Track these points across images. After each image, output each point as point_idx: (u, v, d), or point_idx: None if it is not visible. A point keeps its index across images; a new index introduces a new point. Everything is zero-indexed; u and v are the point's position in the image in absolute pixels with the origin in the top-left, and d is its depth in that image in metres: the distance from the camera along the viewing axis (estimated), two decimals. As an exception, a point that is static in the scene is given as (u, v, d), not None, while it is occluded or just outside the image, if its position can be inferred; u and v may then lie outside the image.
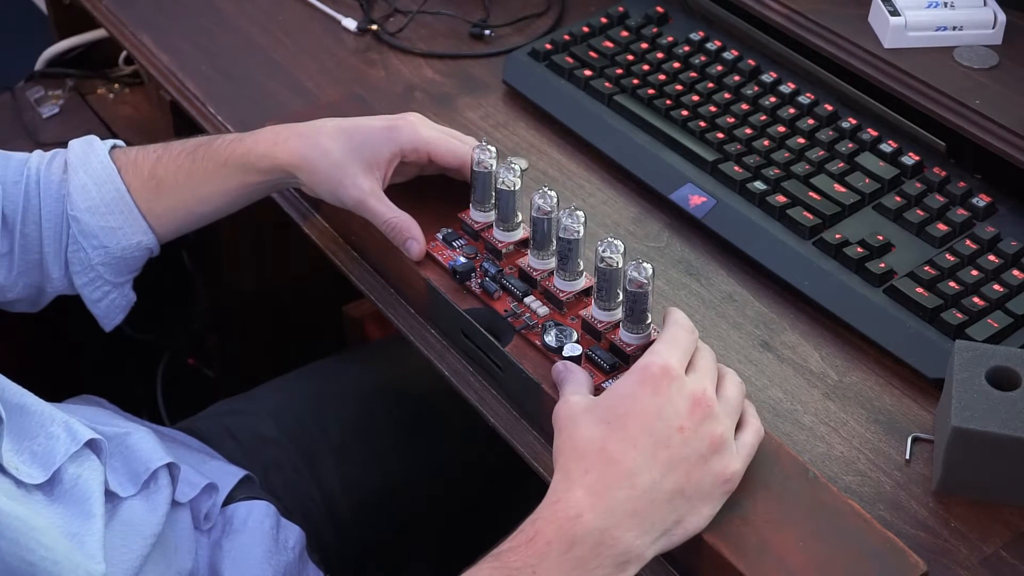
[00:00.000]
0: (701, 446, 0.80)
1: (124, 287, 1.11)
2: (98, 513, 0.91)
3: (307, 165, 1.02)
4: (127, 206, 1.07)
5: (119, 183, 1.07)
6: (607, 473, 0.79)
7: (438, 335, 1.02)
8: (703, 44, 1.23)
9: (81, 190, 1.06)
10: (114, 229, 1.07)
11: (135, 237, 1.08)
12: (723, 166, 1.12)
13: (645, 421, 0.80)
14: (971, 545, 0.85)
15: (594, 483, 0.79)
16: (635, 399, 0.81)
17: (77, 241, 1.07)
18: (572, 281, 0.96)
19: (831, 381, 0.97)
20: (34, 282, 1.09)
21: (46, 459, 0.91)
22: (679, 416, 0.81)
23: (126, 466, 0.98)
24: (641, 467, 0.79)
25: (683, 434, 0.80)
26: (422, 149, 1.03)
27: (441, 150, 1.04)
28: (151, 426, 1.10)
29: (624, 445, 0.80)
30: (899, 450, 0.92)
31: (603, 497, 0.78)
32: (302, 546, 1.07)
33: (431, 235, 1.03)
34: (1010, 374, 0.87)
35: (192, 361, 1.66)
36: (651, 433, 0.80)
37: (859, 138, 1.12)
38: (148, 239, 1.08)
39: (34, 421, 0.93)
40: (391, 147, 1.02)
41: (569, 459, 0.81)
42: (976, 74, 1.10)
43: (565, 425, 0.83)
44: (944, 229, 1.04)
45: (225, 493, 1.06)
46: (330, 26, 1.37)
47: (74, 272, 1.08)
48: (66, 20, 1.63)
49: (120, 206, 1.07)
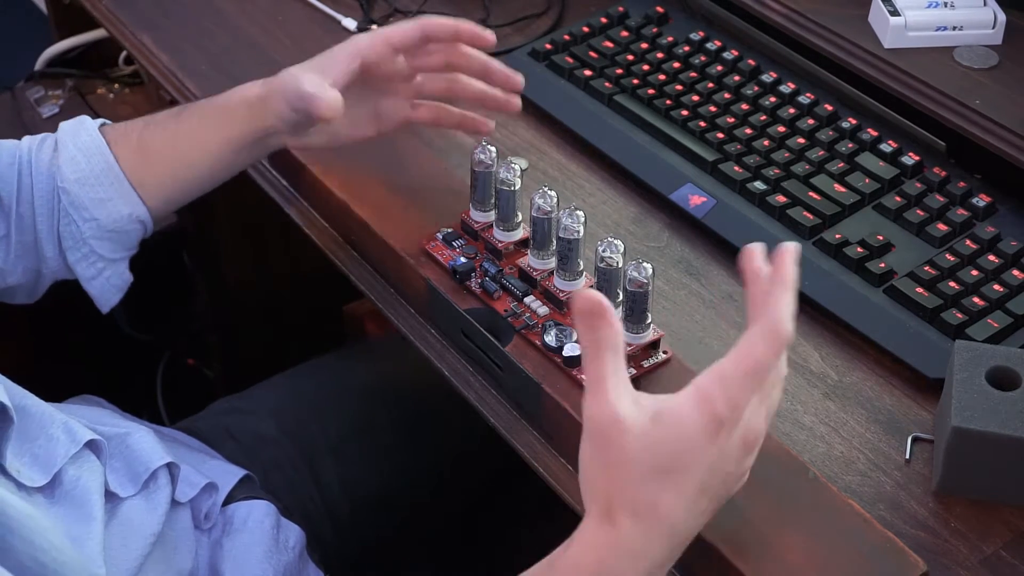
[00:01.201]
0: (736, 481, 0.77)
1: (119, 264, 1.11)
2: (98, 516, 0.91)
3: (271, 91, 1.04)
4: (116, 177, 1.07)
5: (108, 154, 1.07)
6: (652, 528, 0.73)
7: (438, 335, 1.02)
8: (703, 44, 1.23)
9: (70, 162, 1.06)
10: (104, 200, 1.07)
11: (125, 209, 1.07)
12: (723, 166, 1.12)
13: (699, 474, 0.73)
14: (971, 545, 0.85)
15: (638, 539, 0.73)
16: (694, 451, 0.72)
17: (68, 214, 1.07)
18: (572, 281, 0.96)
19: (831, 381, 0.97)
20: (32, 265, 1.09)
21: (47, 461, 0.91)
22: (730, 463, 0.74)
23: (126, 466, 0.98)
24: (685, 520, 0.74)
25: (727, 477, 0.76)
26: (377, 41, 1.03)
27: (393, 31, 1.03)
28: (151, 426, 1.11)
29: (673, 499, 0.73)
30: (899, 450, 0.92)
31: (646, 553, 0.73)
32: (302, 546, 1.08)
33: (431, 235, 1.03)
34: (1010, 374, 0.87)
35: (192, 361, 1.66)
36: (701, 483, 0.74)
37: (859, 138, 1.12)
38: (139, 210, 1.08)
39: (34, 423, 0.93)
40: (345, 50, 1.03)
41: (611, 502, 0.73)
42: (976, 74, 1.10)
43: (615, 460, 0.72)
44: (944, 229, 1.04)
45: (225, 492, 1.06)
46: (330, 26, 1.37)
47: (67, 248, 1.08)
48: (66, 20, 1.63)
49: (109, 177, 1.07)
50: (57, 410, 0.96)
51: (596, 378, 0.73)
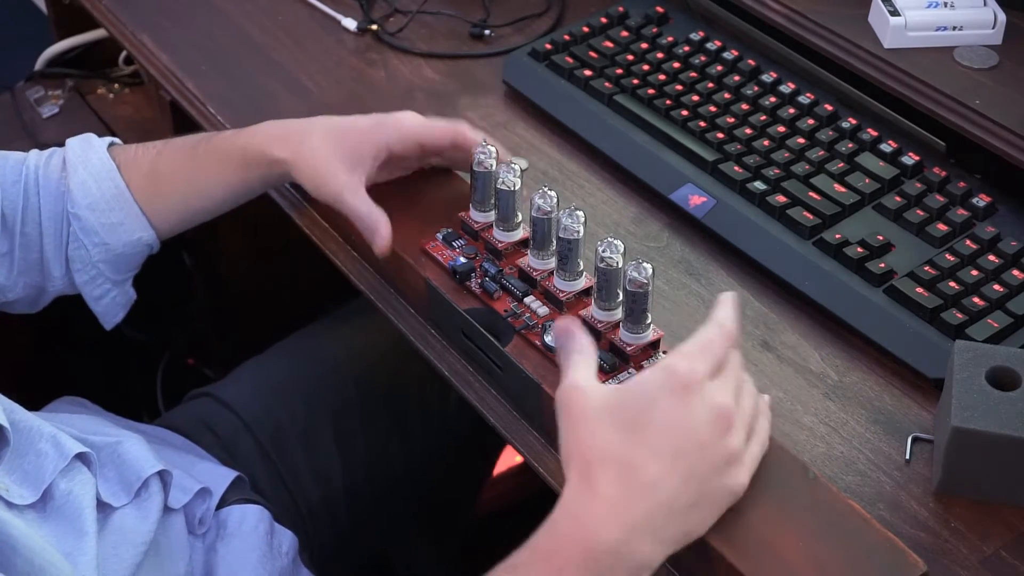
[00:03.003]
0: (718, 459, 0.79)
1: (124, 284, 1.12)
2: (91, 531, 0.91)
3: (297, 162, 1.04)
4: (127, 202, 1.07)
5: (119, 180, 1.07)
6: (629, 486, 0.77)
7: (438, 335, 1.02)
8: (703, 44, 1.23)
9: (81, 187, 1.07)
10: (115, 225, 1.07)
11: (135, 233, 1.08)
12: (723, 166, 1.12)
13: (668, 431, 0.78)
14: (971, 545, 0.85)
15: (616, 497, 0.77)
16: (659, 406, 0.78)
17: (78, 239, 1.07)
18: (572, 281, 0.96)
19: (831, 381, 0.97)
20: (34, 282, 1.09)
21: (37, 477, 0.91)
22: (701, 428, 0.79)
23: (119, 475, 0.98)
24: (662, 479, 0.77)
25: (703, 447, 0.78)
26: (408, 138, 1.05)
27: (427, 134, 1.05)
28: (138, 427, 1.11)
29: (646, 456, 0.77)
30: (899, 450, 0.92)
31: (624, 513, 0.77)
32: (296, 551, 1.08)
33: (431, 235, 1.03)
34: (1010, 374, 0.87)
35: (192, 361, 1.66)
36: (673, 444, 0.78)
37: (859, 138, 1.12)
38: (148, 235, 1.09)
39: (24, 439, 0.93)
40: (376, 143, 1.04)
41: (588, 465, 0.78)
42: (976, 74, 1.10)
43: (578, 420, 0.79)
44: (944, 229, 1.04)
45: (218, 497, 1.05)
46: (330, 26, 1.37)
47: (75, 270, 1.09)
48: (66, 20, 1.63)
49: (120, 202, 1.07)
50: (45, 421, 0.95)
51: (562, 369, 0.83)
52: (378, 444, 1.25)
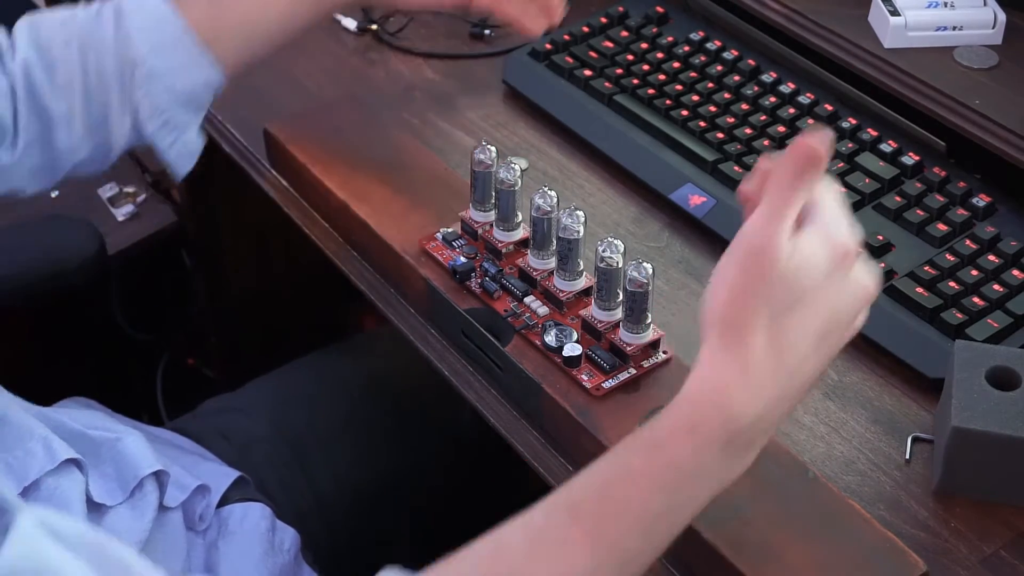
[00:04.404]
0: (847, 339, 0.77)
1: (193, 128, 1.09)
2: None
3: None
4: (189, 41, 1.05)
5: (177, 19, 1.05)
6: (781, 359, 0.73)
7: (438, 335, 1.02)
8: (703, 44, 1.23)
9: (140, 32, 1.04)
10: (179, 68, 1.05)
11: (201, 74, 1.06)
12: (723, 166, 1.12)
13: (827, 314, 0.74)
14: (971, 545, 0.85)
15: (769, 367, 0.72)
16: (827, 286, 0.73)
17: (143, 85, 1.05)
18: (572, 281, 0.96)
19: (831, 381, 0.97)
20: (102, 140, 1.06)
21: (21, 474, 0.90)
22: (851, 314, 0.75)
23: (117, 472, 0.98)
24: (804, 362, 0.74)
25: (843, 329, 0.76)
26: None
27: None
28: (144, 428, 1.10)
29: (802, 337, 0.73)
30: (899, 450, 0.92)
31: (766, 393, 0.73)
32: (297, 548, 1.08)
33: (431, 235, 1.03)
34: (1010, 374, 0.87)
35: (192, 361, 1.66)
36: (824, 327, 0.74)
37: (859, 138, 1.12)
38: (214, 74, 1.07)
39: (12, 433, 0.92)
40: None
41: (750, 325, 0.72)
42: (976, 74, 1.10)
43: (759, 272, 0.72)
44: (944, 229, 1.04)
45: (219, 494, 1.05)
46: (330, 26, 1.37)
47: (144, 119, 1.06)
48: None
49: (184, 42, 1.05)
50: (41, 423, 0.95)
51: (780, 206, 0.73)
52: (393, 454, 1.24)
